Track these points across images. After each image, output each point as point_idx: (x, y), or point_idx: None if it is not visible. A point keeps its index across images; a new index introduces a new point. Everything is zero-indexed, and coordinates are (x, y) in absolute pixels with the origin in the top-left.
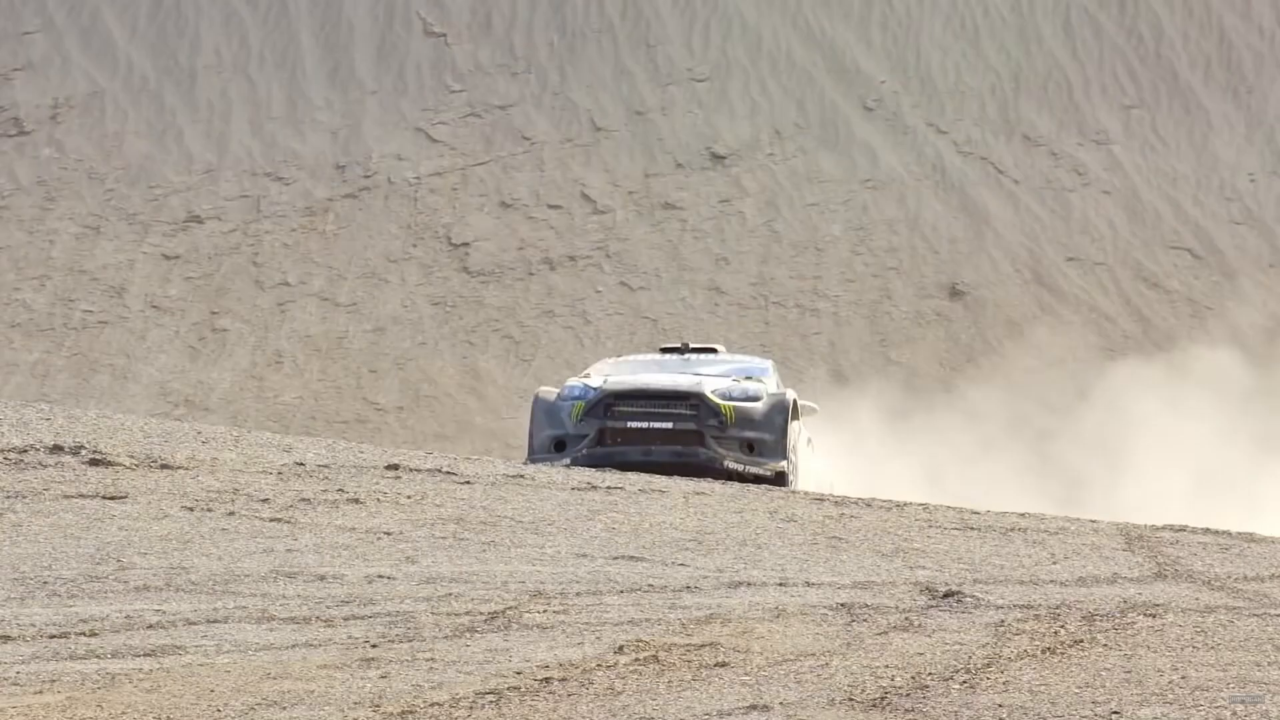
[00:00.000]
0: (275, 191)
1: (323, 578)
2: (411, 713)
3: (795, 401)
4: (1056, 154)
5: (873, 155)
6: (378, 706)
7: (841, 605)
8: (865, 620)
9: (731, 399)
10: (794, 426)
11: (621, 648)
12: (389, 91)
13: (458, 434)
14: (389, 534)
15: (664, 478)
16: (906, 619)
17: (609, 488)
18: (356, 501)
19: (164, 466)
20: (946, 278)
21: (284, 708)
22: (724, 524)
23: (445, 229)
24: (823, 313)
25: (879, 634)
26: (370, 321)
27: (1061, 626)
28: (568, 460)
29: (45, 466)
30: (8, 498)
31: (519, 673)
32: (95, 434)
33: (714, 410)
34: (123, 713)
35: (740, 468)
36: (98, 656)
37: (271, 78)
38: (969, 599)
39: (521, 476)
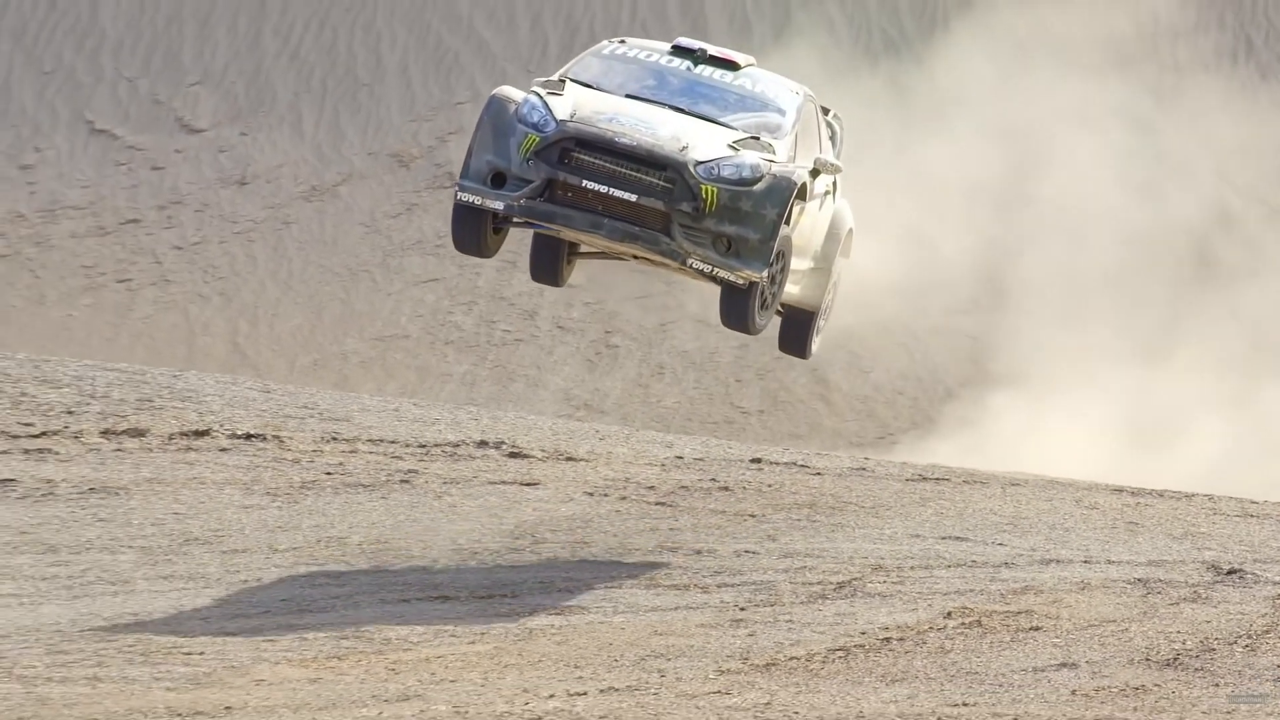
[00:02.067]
0: None
1: (699, 552)
2: (774, 665)
3: (806, 184)
4: None
5: (1161, 199)
6: (746, 659)
7: (1138, 580)
8: (1159, 593)
9: (719, 179)
10: (795, 213)
11: (950, 613)
12: None
13: (809, 434)
14: (753, 516)
15: (985, 469)
16: (1195, 592)
17: (937, 479)
18: (726, 489)
19: (569, 459)
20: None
21: (669, 659)
22: (1036, 510)
23: None
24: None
25: (1171, 604)
26: (736, 339)
27: None
28: (500, 205)
29: (474, 458)
30: (445, 484)
31: (863, 633)
32: (513, 431)
33: (692, 191)
34: (538, 660)
35: (707, 269)
36: (518, 614)
37: None
38: (1250, 575)
39: (863, 470)
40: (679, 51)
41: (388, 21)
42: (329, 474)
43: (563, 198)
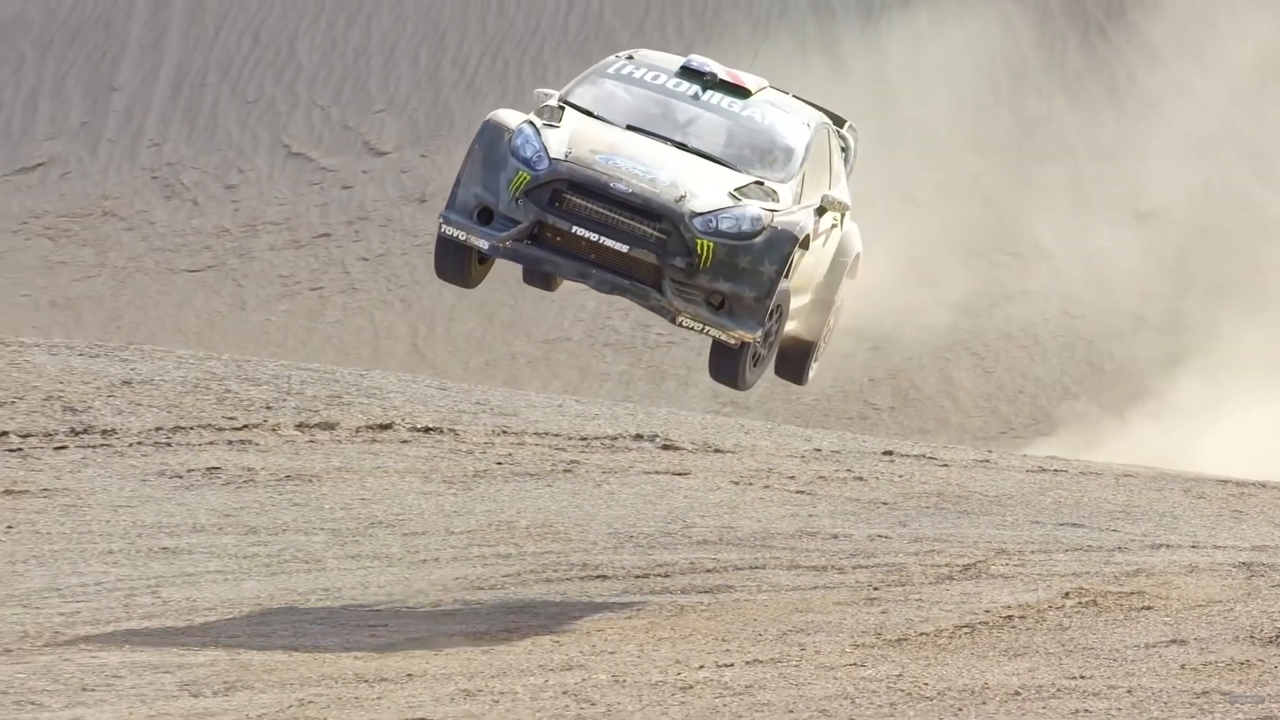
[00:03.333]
0: None
1: (835, 536)
2: (905, 640)
3: (809, 235)
4: None
5: None
6: (879, 634)
7: (1243, 564)
8: (1262, 575)
9: (717, 232)
10: (796, 259)
11: (1067, 594)
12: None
13: (936, 429)
14: (885, 504)
15: (1100, 461)
16: None
17: (1055, 471)
18: (860, 479)
19: (716, 451)
20: None
21: (808, 634)
22: (1147, 499)
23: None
24: None
25: (1273, 586)
26: (868, 341)
27: None
28: (485, 245)
29: (630, 450)
30: (604, 473)
31: (987, 611)
32: (666, 426)
33: (687, 246)
34: (689, 634)
35: (698, 327)
36: (670, 592)
37: None
38: None
39: (987, 462)
40: (688, 74)
41: (554, 53)
42: (499, 464)
43: (551, 242)
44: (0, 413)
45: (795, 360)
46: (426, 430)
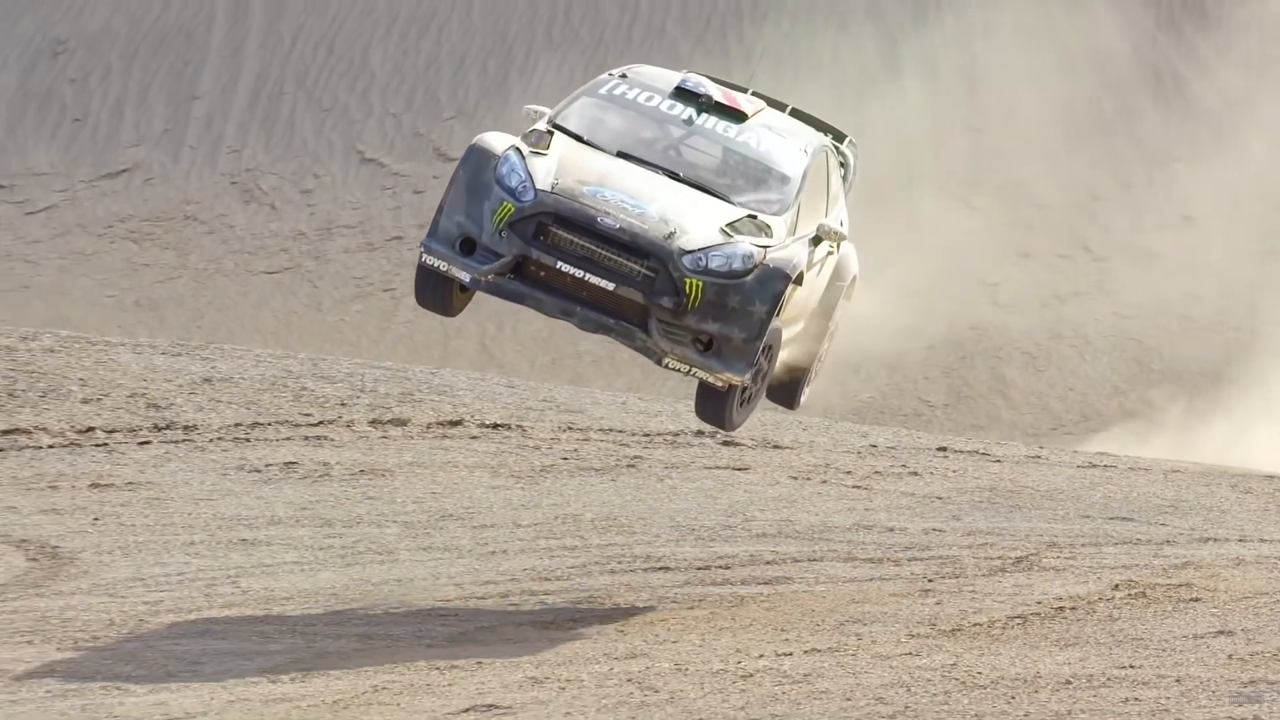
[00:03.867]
0: None
1: (891, 529)
2: (959, 630)
3: (802, 272)
4: None
5: None
6: (934, 625)
7: None
8: None
9: (706, 271)
10: (788, 296)
11: (1117, 586)
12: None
13: (988, 425)
14: (939, 498)
15: (1149, 457)
16: None
17: (1105, 466)
18: (915, 474)
19: (775, 447)
20: None
21: (865, 624)
22: (1194, 494)
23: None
24: None
25: None
26: (923, 340)
27: None
28: (467, 277)
29: (691, 446)
30: (666, 468)
31: (1039, 603)
32: None
33: (675, 285)
34: (749, 624)
35: (683, 369)
36: (730, 584)
37: None
38: None
39: (1038, 457)
40: (682, 95)
41: (618, 62)
42: (565, 459)
43: (534, 276)
44: (87, 409)
45: (787, 387)
46: (495, 426)
